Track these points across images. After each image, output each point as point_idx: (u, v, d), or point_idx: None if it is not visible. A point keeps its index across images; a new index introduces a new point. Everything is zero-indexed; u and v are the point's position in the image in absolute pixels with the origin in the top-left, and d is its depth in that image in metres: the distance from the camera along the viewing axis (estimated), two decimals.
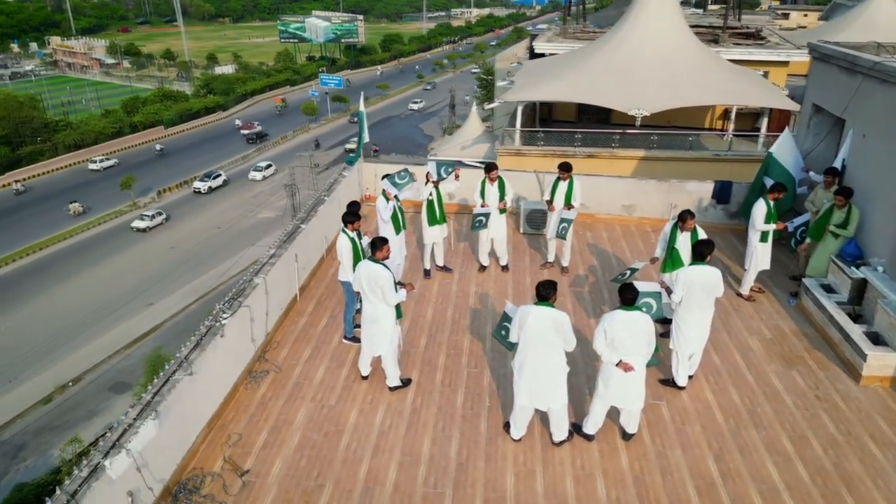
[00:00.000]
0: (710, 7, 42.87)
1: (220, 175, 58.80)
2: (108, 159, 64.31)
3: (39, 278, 42.49)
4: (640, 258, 10.37)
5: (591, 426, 6.78)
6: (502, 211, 9.99)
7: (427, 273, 10.20)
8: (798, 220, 9.92)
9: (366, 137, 12.48)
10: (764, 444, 6.78)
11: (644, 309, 7.46)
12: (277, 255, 8.74)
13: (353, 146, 56.34)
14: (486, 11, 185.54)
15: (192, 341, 6.74)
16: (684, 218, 8.21)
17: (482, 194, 9.92)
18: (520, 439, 6.80)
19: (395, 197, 9.11)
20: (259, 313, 8.00)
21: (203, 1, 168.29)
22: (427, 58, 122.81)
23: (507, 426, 6.90)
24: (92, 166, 62.83)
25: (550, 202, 10.05)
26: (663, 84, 17.96)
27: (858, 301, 8.50)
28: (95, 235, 49.29)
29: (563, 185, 9.95)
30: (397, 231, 9.07)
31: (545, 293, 6.28)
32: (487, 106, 22.60)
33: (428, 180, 9.60)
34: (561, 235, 9.99)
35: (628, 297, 6.26)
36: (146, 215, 50.37)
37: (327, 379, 7.74)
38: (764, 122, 20.11)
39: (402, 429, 6.96)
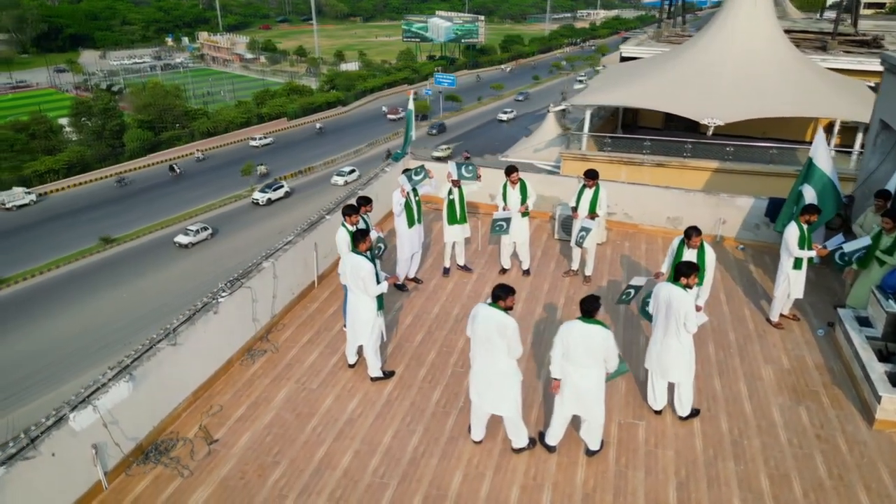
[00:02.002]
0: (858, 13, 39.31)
1: (282, 186, 56.04)
2: (266, 137, 71.61)
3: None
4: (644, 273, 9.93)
5: (551, 437, 6.66)
6: (524, 214, 9.91)
7: (446, 271, 10.32)
8: (835, 241, 9.08)
9: (412, 135, 12.75)
10: (738, 479, 6.36)
11: (623, 297, 7.62)
12: (293, 242, 9.20)
13: (441, 153, 56.54)
14: (613, 13, 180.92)
15: (184, 315, 7.30)
16: (689, 234, 7.81)
17: (504, 198, 9.89)
18: (480, 441, 6.79)
19: (414, 191, 9.30)
20: (264, 295, 8.48)
21: (338, 0, 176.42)
22: (545, 59, 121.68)
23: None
24: (252, 143, 70.17)
25: (575, 209, 9.85)
26: (743, 93, 16.82)
27: (894, 337, 7.69)
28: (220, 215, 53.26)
29: (588, 193, 9.73)
30: (410, 224, 9.28)
31: (498, 294, 6.22)
32: (552, 108, 22.20)
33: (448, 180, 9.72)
34: (578, 244, 9.76)
35: (586, 309, 6.09)
36: (190, 230, 47.35)
37: (317, 363, 8.08)
38: (858, 138, 18.27)
39: (371, 418, 7.15)
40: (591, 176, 9.65)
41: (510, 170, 9.79)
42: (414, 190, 9.30)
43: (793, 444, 6.81)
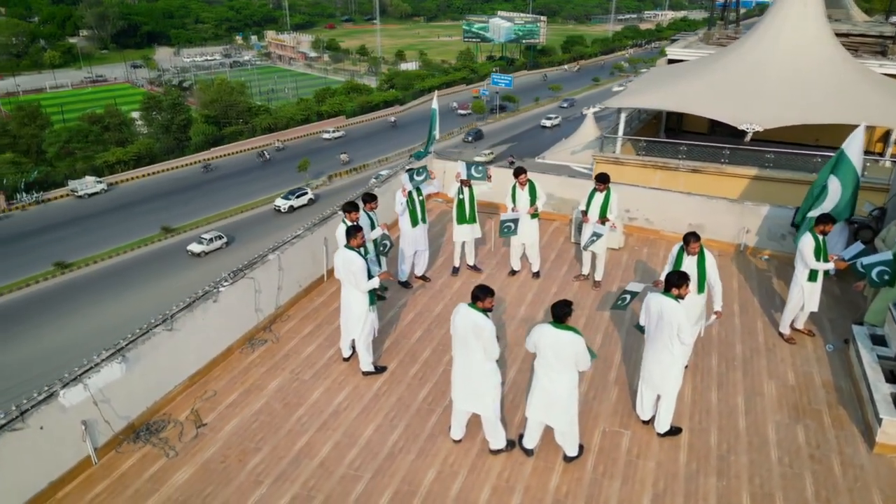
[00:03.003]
0: None
1: (305, 192, 54.08)
2: (337, 131, 74.96)
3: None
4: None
5: (527, 440, 6.62)
6: (533, 216, 9.84)
7: (455, 271, 10.35)
8: (853, 250, 8.63)
9: (436, 134, 12.78)
10: (717, 496, 6.17)
11: (619, 302, 7.41)
12: (302, 236, 9.42)
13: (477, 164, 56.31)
14: (682, 14, 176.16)
15: (183, 302, 7.59)
16: (688, 240, 7.58)
17: (513, 199, 9.85)
18: (459, 440, 6.82)
19: (417, 191, 9.38)
20: (268, 286, 8.72)
21: (401, 0, 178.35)
22: (609, 61, 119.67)
23: None
24: (325, 136, 73.46)
25: (585, 213, 9.71)
26: (787, 98, 16.08)
27: None
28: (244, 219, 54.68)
29: (598, 197, 9.57)
30: (413, 224, 9.36)
31: (477, 295, 6.21)
32: (585, 111, 21.77)
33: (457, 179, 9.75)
34: (585, 247, 9.63)
35: (557, 314, 6.02)
36: (203, 238, 46.09)
37: (313, 356, 8.26)
38: None
39: (356, 412, 7.27)
40: (602, 180, 9.49)
41: (518, 171, 9.74)
42: (417, 190, 9.36)
43: (783, 463, 6.55)
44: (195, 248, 45.48)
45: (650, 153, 18.87)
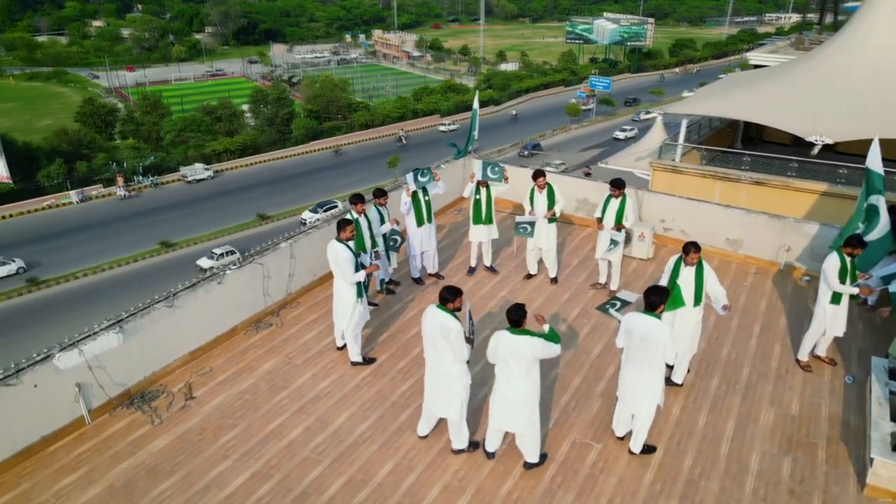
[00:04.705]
0: None
1: (335, 205, 48.84)
2: (453, 124, 77.08)
3: None
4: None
5: (487, 444, 6.58)
6: (551, 220, 9.68)
7: (471, 270, 10.36)
8: (885, 270, 7.89)
9: (475, 135, 12.81)
10: None
11: (607, 305, 7.09)
12: (319, 227, 9.76)
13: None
14: (808, 17, 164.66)
15: (189, 282, 8.09)
16: (688, 250, 7.24)
17: (531, 202, 9.73)
18: (425, 437, 6.88)
19: (424, 191, 9.46)
20: (279, 273, 9.10)
21: (508, 1, 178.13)
22: (719, 65, 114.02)
23: None
24: (441, 128, 75.76)
25: (600, 220, 9.45)
26: (866, 109, 14.69)
27: None
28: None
29: (614, 203, 9.30)
30: (419, 223, 9.45)
31: (445, 296, 6.23)
32: (643, 116, 20.76)
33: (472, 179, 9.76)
34: (602, 256, 9.37)
35: (513, 318, 5.94)
36: (214, 253, 42.34)
37: (310, 342, 8.56)
38: None
39: (334, 399, 7.48)
40: (618, 185, 9.21)
41: (537, 174, 9.61)
42: (424, 190, 9.43)
43: (757, 495, 6.15)
44: (204, 263, 41.57)
45: (713, 162, 17.84)
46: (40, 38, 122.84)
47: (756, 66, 22.07)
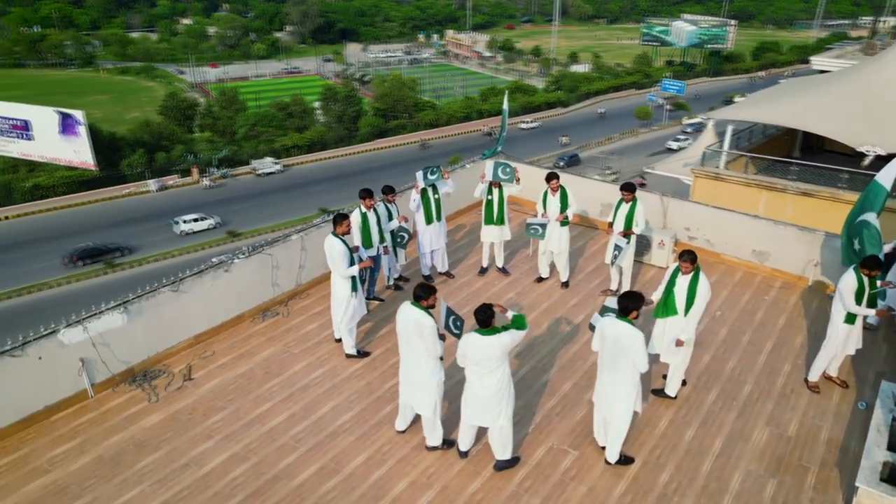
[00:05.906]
0: None
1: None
2: (534, 122, 78.82)
3: None
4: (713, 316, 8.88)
5: (460, 442, 6.58)
6: (563, 223, 9.54)
7: (482, 271, 10.33)
8: None
9: (505, 135, 12.74)
10: None
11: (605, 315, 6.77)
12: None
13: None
14: None
15: (197, 268, 8.43)
16: (683, 258, 7.00)
17: (543, 204, 9.62)
18: (402, 431, 6.94)
19: (433, 189, 9.49)
20: (289, 264, 9.35)
21: (584, 2, 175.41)
22: (804, 70, 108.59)
23: None
24: (522, 126, 76.89)
25: (611, 225, 9.25)
26: None
27: None
28: None
29: (624, 208, 9.08)
30: (428, 221, 9.49)
31: (419, 294, 6.28)
32: (686, 121, 19.89)
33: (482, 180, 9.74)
34: (611, 262, 9.16)
35: (480, 319, 5.91)
36: (186, 220, 49.73)
37: (311, 332, 8.76)
38: None
39: (322, 389, 7.65)
40: (629, 189, 8.99)
41: (550, 176, 9.50)
42: (433, 188, 9.46)
43: None
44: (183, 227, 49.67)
45: (759, 171, 16.97)
46: (133, 35, 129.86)
47: (821, 72, 20.90)
